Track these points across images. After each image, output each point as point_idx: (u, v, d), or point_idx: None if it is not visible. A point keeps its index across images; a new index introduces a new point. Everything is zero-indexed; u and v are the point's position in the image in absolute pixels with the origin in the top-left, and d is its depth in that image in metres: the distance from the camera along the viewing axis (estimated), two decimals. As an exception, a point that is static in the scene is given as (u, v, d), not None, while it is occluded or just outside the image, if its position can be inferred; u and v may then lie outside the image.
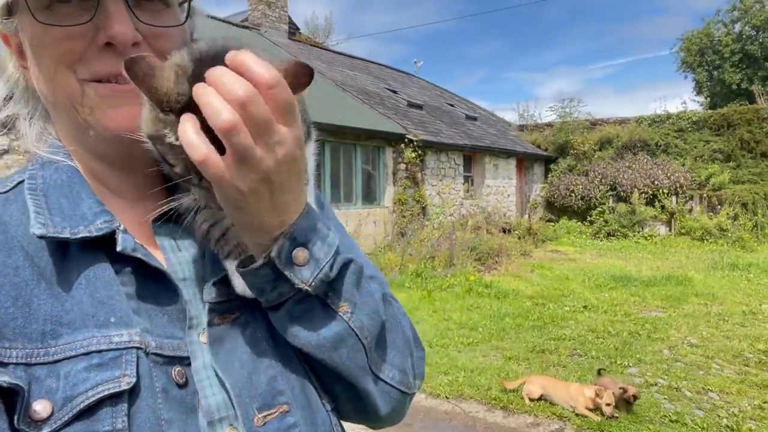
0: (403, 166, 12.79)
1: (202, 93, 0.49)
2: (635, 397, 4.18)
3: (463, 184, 15.19)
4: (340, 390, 0.70)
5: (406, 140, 12.74)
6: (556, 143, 19.23)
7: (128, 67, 0.51)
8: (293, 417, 0.63)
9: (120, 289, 0.60)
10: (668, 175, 16.07)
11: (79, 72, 0.60)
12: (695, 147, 17.24)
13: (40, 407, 0.51)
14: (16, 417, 0.50)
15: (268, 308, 0.63)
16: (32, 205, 0.60)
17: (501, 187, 17.04)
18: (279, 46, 16.21)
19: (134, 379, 0.55)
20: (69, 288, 0.57)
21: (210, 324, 0.63)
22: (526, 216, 17.23)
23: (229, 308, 0.65)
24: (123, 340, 0.56)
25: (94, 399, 0.53)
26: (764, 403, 4.51)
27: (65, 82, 0.60)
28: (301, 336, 0.63)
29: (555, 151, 19.24)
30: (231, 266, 0.64)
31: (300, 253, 0.59)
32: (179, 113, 0.51)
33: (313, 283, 0.60)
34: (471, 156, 15.89)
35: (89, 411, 0.52)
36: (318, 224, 0.62)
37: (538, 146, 19.55)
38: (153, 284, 0.62)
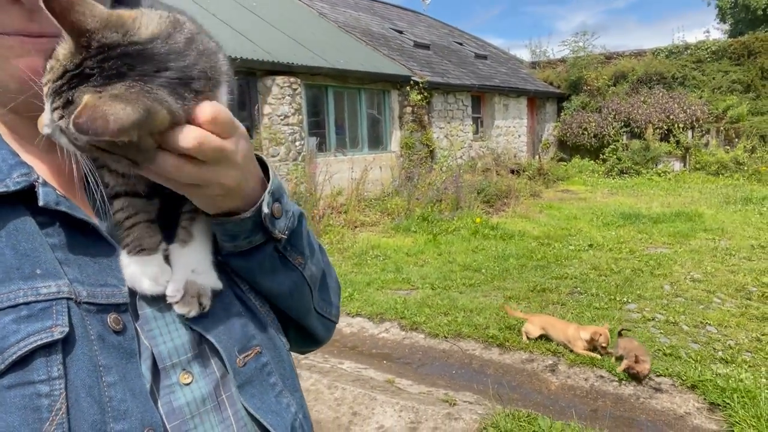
0: (409, 110, 12.59)
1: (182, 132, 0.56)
2: (643, 375, 3.82)
3: (472, 125, 14.94)
4: (291, 326, 0.84)
5: (412, 82, 12.47)
6: (569, 80, 18.66)
7: (46, 3, 0.51)
8: (265, 357, 0.72)
9: (44, 241, 0.59)
10: (684, 108, 15.59)
11: None
12: (713, 78, 16.61)
13: None
14: None
15: (234, 255, 0.70)
16: None
17: (511, 128, 16.73)
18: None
19: (67, 329, 0.55)
20: None
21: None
22: (537, 156, 16.99)
23: None
24: (51, 291, 0.56)
25: (26, 349, 0.53)
26: (762, 335, 4.54)
27: None
28: (265, 285, 0.75)
29: (568, 88, 18.70)
30: (124, 258, 0.64)
31: (276, 207, 0.69)
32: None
33: (286, 232, 0.72)
34: (480, 96, 15.54)
35: (22, 362, 0.53)
36: (282, 180, 0.73)
37: (551, 84, 19.01)
38: (81, 235, 0.61)
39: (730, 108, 15.70)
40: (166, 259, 0.67)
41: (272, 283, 0.75)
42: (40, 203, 0.58)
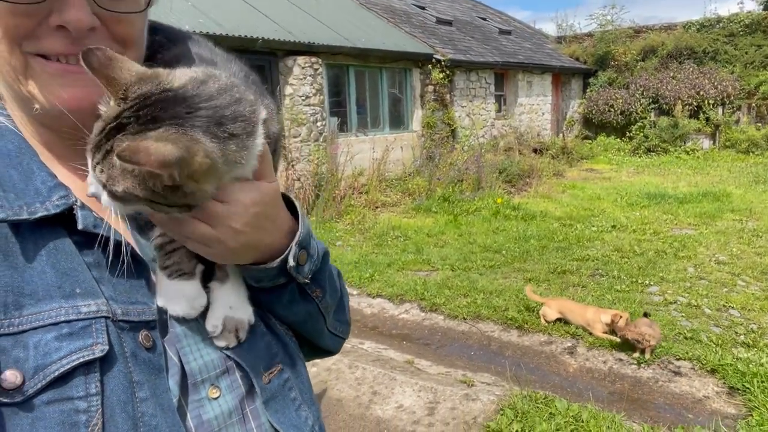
0: (430, 88, 12.48)
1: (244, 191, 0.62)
2: (647, 348, 3.90)
3: (495, 103, 14.75)
4: (305, 341, 0.87)
5: (434, 60, 12.34)
6: (595, 55, 18.20)
7: (85, 57, 0.55)
8: (286, 373, 0.77)
9: (81, 260, 0.61)
10: (715, 84, 15.12)
11: (24, 46, 0.59)
12: (746, 53, 16.02)
13: (10, 377, 0.53)
14: None
15: (257, 289, 0.74)
16: None
17: (535, 105, 16.47)
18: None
19: (107, 347, 0.57)
20: (28, 260, 0.57)
21: None
22: (561, 135, 16.74)
23: None
24: (91, 310, 0.58)
25: (68, 367, 0.55)
26: (787, 319, 4.49)
27: (9, 55, 0.59)
28: (281, 314, 0.79)
29: (594, 63, 18.25)
30: (164, 280, 0.67)
31: (302, 254, 0.72)
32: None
33: (310, 276, 0.75)
34: (503, 74, 15.30)
35: (62, 379, 0.55)
36: (310, 226, 0.75)
37: (577, 59, 18.57)
38: (115, 255, 0.63)
39: (762, 84, 15.16)
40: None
41: (288, 312, 0.79)
42: (80, 227, 0.61)
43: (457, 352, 4.26)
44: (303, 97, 9.51)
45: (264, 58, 9.19)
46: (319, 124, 9.84)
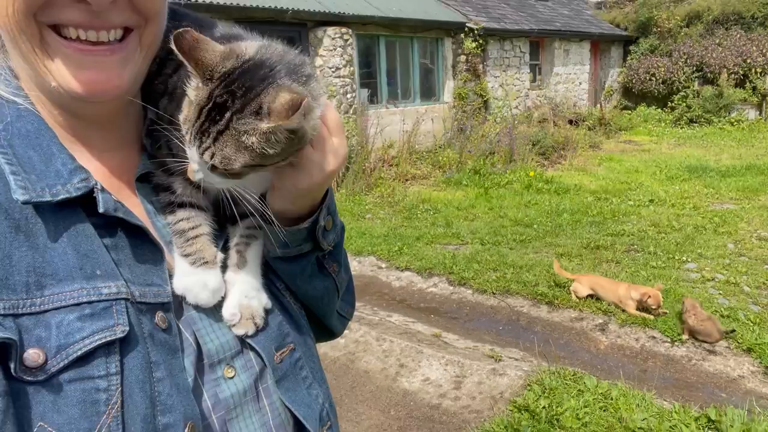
0: (463, 58, 12.21)
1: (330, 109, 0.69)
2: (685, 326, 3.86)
3: (529, 73, 14.35)
4: (312, 321, 0.89)
5: (467, 29, 12.04)
6: (637, 21, 17.42)
7: (176, 41, 0.60)
8: (298, 352, 0.78)
9: (100, 243, 0.62)
10: (763, 51, 14.33)
11: (39, 15, 0.58)
12: (800, 17, 15.12)
13: (33, 355, 0.54)
14: (12, 365, 0.53)
15: (280, 259, 0.77)
16: (5, 164, 0.59)
17: (572, 75, 15.96)
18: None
19: (128, 328, 0.59)
20: (49, 241, 0.58)
21: None
22: (599, 105, 16.21)
23: None
24: (112, 291, 0.59)
25: (91, 347, 0.56)
26: (832, 298, 4.31)
27: (24, 24, 0.58)
28: (302, 288, 0.81)
29: (636, 30, 17.50)
30: (185, 267, 0.68)
31: (329, 220, 0.77)
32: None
33: (333, 244, 0.80)
34: (539, 42, 14.83)
35: (84, 358, 0.56)
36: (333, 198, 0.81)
37: (617, 26, 17.83)
38: (132, 237, 0.65)
39: (817, 50, 14.31)
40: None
41: (308, 286, 0.82)
42: (100, 210, 0.61)
43: (485, 326, 4.25)
44: (333, 69, 9.44)
45: (294, 30, 9.12)
46: (349, 95, 9.77)
